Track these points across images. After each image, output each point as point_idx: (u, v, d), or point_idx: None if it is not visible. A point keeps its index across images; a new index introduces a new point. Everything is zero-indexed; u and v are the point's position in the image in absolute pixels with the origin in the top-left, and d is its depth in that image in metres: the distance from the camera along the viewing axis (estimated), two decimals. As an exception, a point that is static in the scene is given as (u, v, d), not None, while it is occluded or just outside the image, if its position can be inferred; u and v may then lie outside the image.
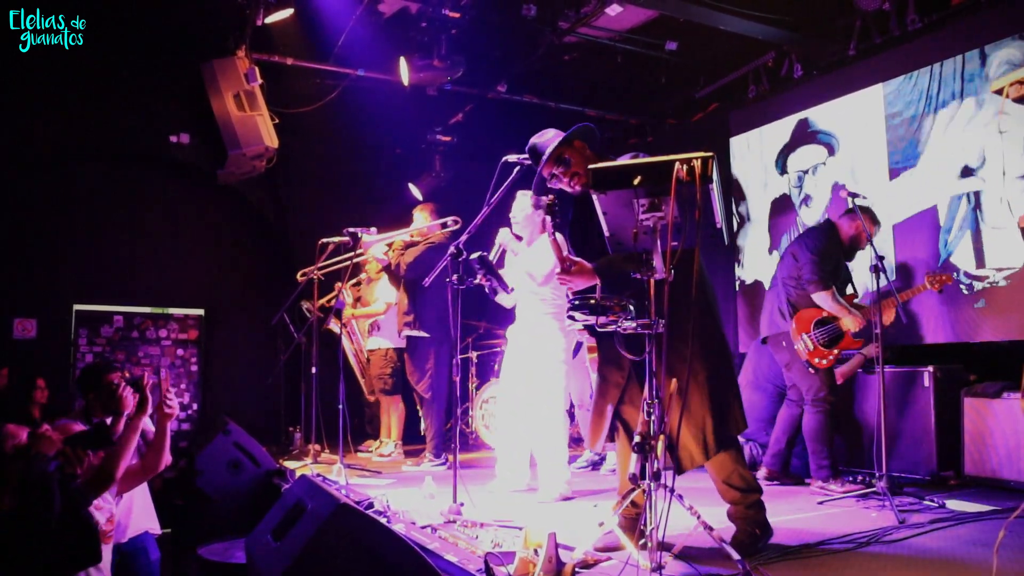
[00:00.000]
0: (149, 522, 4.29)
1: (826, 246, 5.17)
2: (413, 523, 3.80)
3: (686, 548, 3.27)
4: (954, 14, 6.10)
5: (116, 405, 3.68)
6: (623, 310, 2.84)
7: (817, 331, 5.09)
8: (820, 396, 5.07)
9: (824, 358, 5.07)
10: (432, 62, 6.91)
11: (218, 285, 8.70)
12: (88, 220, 8.16)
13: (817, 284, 5.08)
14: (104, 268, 8.23)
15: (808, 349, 5.07)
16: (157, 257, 8.43)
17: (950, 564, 3.28)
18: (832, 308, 5.08)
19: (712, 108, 8.38)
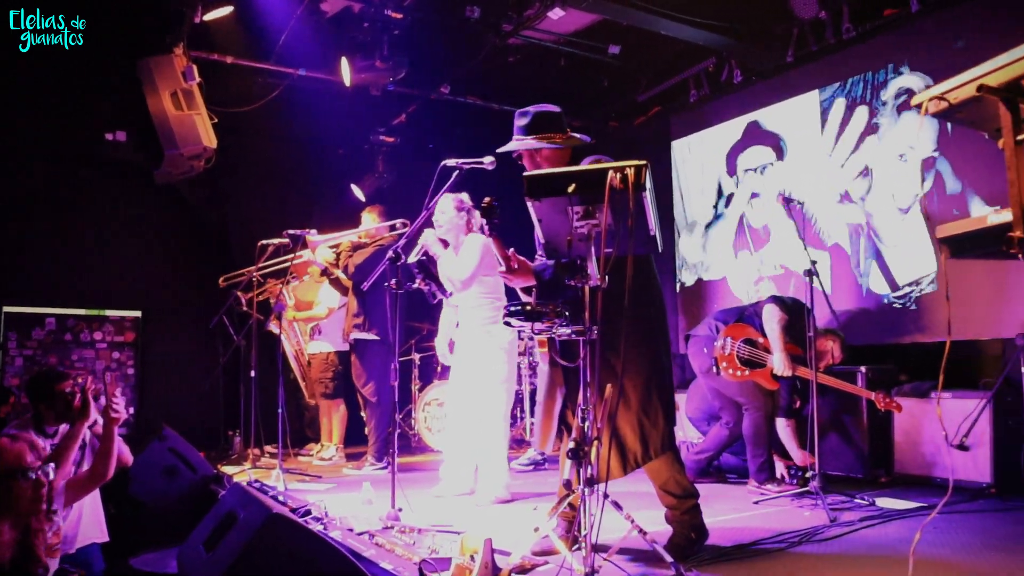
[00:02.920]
0: (97, 533, 4.16)
1: (797, 307, 5.23)
2: (350, 530, 3.76)
3: (622, 551, 3.31)
4: (886, 24, 6.25)
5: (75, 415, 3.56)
6: (558, 316, 2.85)
7: (742, 344, 5.17)
8: (758, 402, 5.15)
9: (732, 368, 5.14)
10: (374, 63, 6.86)
11: (156, 286, 8.49)
12: (19, 219, 7.91)
13: (776, 300, 5.17)
14: (36, 268, 7.97)
15: (723, 352, 5.14)
16: (92, 257, 8.20)
17: (874, 561, 3.37)
18: (773, 329, 5.09)
19: (654, 112, 8.47)
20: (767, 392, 5.17)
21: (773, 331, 5.08)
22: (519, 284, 3.49)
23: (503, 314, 2.98)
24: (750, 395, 5.16)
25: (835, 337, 5.30)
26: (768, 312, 5.14)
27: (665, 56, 7.66)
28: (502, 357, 5.05)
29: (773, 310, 5.12)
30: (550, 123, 3.56)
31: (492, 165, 3.89)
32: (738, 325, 5.26)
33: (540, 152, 3.53)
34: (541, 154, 3.54)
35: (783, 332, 5.06)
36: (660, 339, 3.44)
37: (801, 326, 5.01)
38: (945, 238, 2.05)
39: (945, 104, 1.97)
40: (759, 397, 5.15)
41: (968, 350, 5.84)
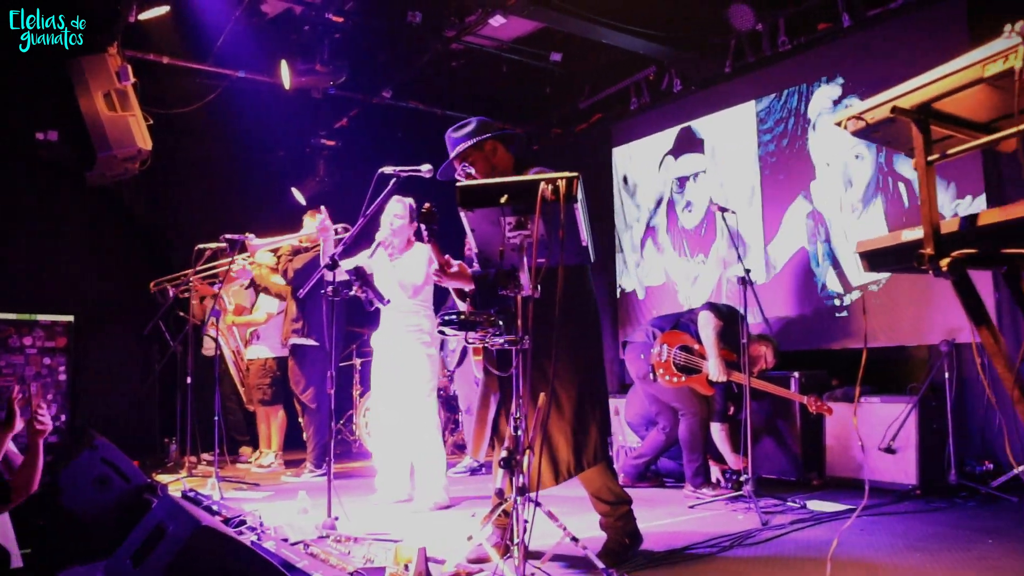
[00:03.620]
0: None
1: (732, 314, 5.32)
2: (285, 540, 3.71)
3: (555, 558, 3.34)
4: (820, 38, 6.41)
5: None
6: (492, 325, 2.86)
7: (678, 351, 5.25)
8: (693, 408, 5.23)
9: (668, 373, 5.23)
10: (315, 67, 6.81)
11: (89, 290, 8.29)
12: (-56, 219, 7.68)
13: (710, 307, 5.26)
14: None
15: (659, 359, 5.22)
16: (22, 259, 7.97)
17: (801, 563, 3.44)
18: (708, 336, 5.17)
19: (596, 119, 8.55)
20: (702, 398, 5.26)
21: (708, 338, 5.17)
22: (454, 286, 3.52)
23: (438, 323, 2.98)
24: (686, 401, 5.24)
25: (768, 343, 5.41)
26: (703, 319, 5.22)
27: (607, 64, 7.74)
28: (433, 363, 5.12)
29: (708, 317, 5.21)
30: (490, 125, 3.61)
31: (430, 173, 3.89)
32: (674, 332, 5.34)
33: (495, 154, 3.54)
34: (496, 155, 3.55)
35: (718, 339, 5.15)
36: (594, 349, 3.48)
37: (735, 332, 5.10)
38: (863, 252, 2.11)
39: (863, 123, 2.03)
40: (695, 403, 5.23)
41: (897, 356, 6.01)
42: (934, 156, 1.85)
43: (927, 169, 1.85)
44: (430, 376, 5.08)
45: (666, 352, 5.25)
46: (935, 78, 1.80)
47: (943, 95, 1.81)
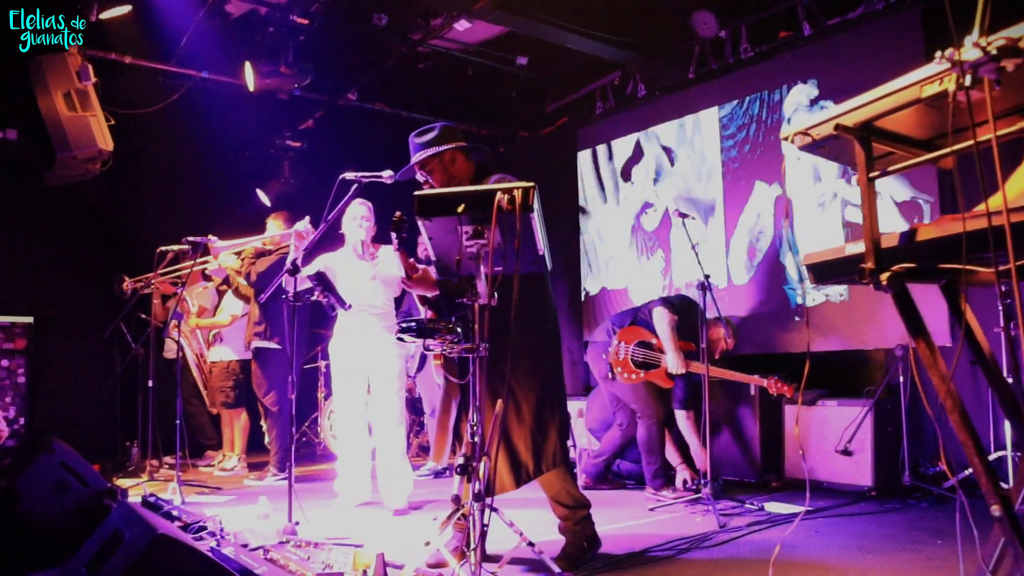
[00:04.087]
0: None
1: (687, 305, 5.42)
2: (244, 546, 3.71)
3: (513, 562, 3.37)
4: (781, 47, 6.51)
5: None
6: (450, 333, 2.89)
7: (635, 348, 5.31)
8: (651, 410, 5.29)
9: (628, 372, 5.29)
10: (279, 68, 6.77)
11: (49, 291, 8.17)
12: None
13: (663, 302, 5.32)
14: (-83, 271, 7.61)
15: (617, 357, 5.29)
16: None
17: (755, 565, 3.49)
18: (664, 331, 5.27)
19: (561, 122, 8.60)
20: (661, 399, 5.33)
21: (664, 332, 5.26)
22: (418, 292, 3.57)
23: (397, 330, 3.00)
24: (643, 402, 5.30)
25: (726, 325, 5.50)
26: (657, 315, 5.30)
27: (572, 68, 7.78)
28: (403, 365, 5.16)
29: (662, 312, 5.29)
30: (454, 134, 3.62)
31: (391, 179, 3.90)
32: (631, 328, 5.40)
33: (454, 163, 3.57)
34: (457, 160, 3.57)
35: (673, 332, 5.25)
36: (552, 355, 3.52)
37: (692, 322, 5.22)
38: (810, 265, 2.16)
39: (809, 139, 2.07)
40: (652, 404, 5.29)
41: (855, 359, 6.12)
42: (875, 173, 1.90)
43: (868, 185, 1.90)
44: (402, 376, 5.12)
45: (623, 350, 5.31)
46: (876, 97, 1.85)
47: (884, 114, 1.86)
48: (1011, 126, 1.73)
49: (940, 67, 1.59)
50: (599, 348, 5.52)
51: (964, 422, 1.72)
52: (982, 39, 1.45)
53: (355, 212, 5.11)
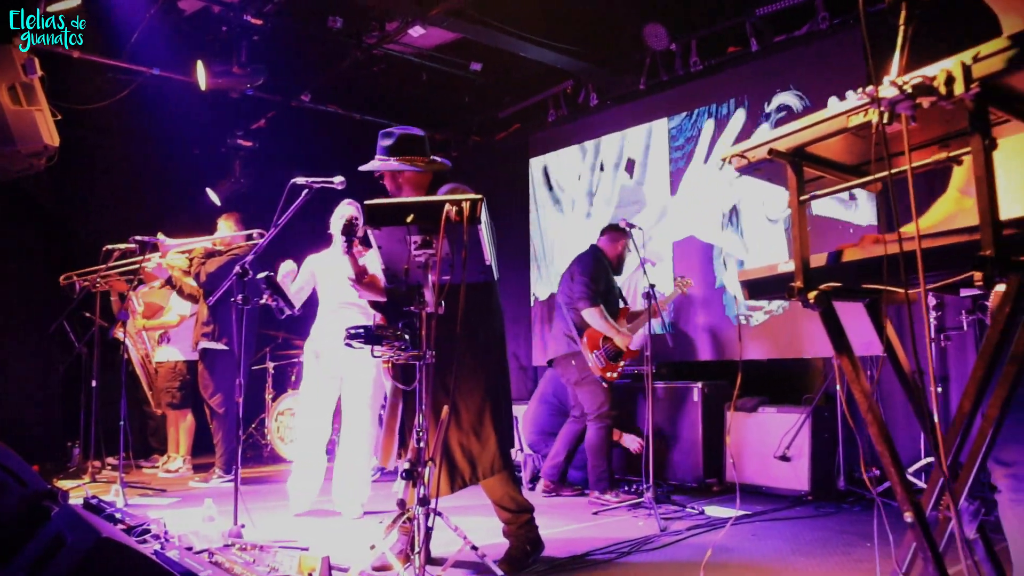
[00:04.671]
0: None
1: (595, 269, 5.56)
2: (189, 549, 3.71)
3: (457, 565, 3.42)
4: (729, 61, 6.67)
5: None
6: (398, 340, 2.94)
7: (605, 347, 5.43)
8: (603, 412, 5.40)
9: (613, 371, 5.42)
10: (232, 68, 6.73)
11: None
12: None
13: (586, 301, 5.44)
14: None
15: (600, 365, 5.40)
16: (-82, 255, 7.67)
17: (693, 568, 3.59)
18: (600, 326, 5.44)
19: (514, 129, 8.68)
20: (613, 402, 5.43)
21: (603, 326, 5.43)
22: (367, 297, 3.61)
23: (345, 336, 3.04)
24: (598, 403, 5.40)
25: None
26: (590, 316, 5.45)
27: (526, 76, 7.87)
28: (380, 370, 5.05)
29: (592, 313, 5.43)
30: (413, 146, 3.64)
31: (342, 185, 3.94)
32: (588, 335, 5.47)
33: (402, 174, 3.62)
34: (403, 176, 3.63)
35: (609, 321, 5.44)
36: (497, 364, 3.58)
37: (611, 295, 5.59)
38: (744, 281, 2.25)
39: (745, 161, 2.16)
40: (605, 405, 5.40)
41: (795, 368, 6.30)
42: (805, 196, 2.00)
43: (799, 208, 2.00)
44: (378, 382, 5.01)
45: (600, 357, 5.41)
46: (807, 125, 1.94)
47: (814, 140, 1.95)
48: (932, 156, 1.83)
49: (864, 100, 1.69)
50: (572, 357, 5.58)
51: (882, 434, 1.82)
52: (899, 78, 1.55)
53: (343, 212, 4.88)
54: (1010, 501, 2.15)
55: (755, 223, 6.40)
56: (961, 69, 1.51)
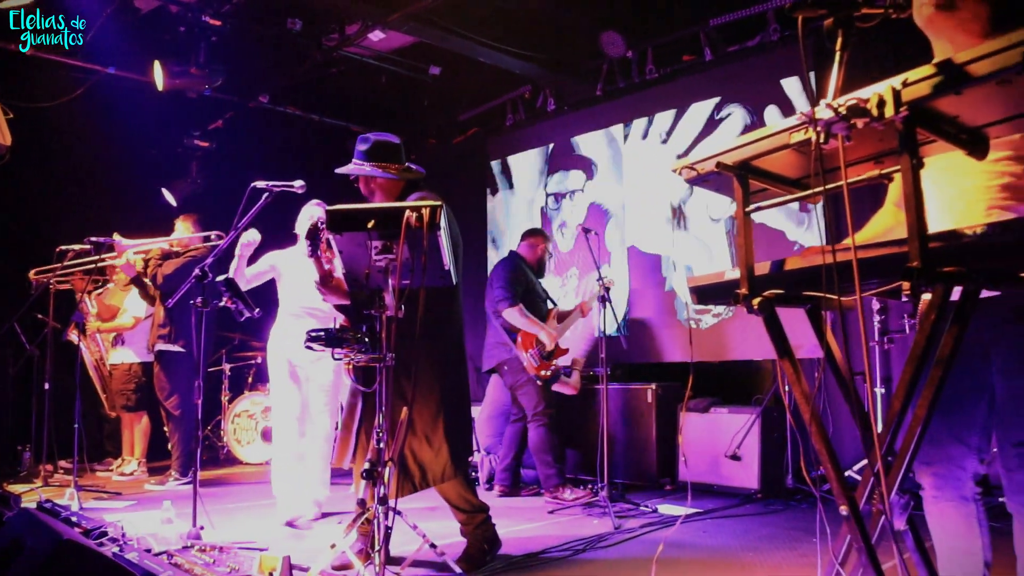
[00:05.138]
0: None
1: (512, 273, 5.67)
2: (148, 551, 3.71)
3: (417, 564, 3.49)
4: (684, 69, 6.83)
5: None
6: (358, 342, 3.00)
7: (538, 346, 5.54)
8: (539, 410, 5.52)
9: (547, 369, 5.52)
10: (189, 69, 6.70)
11: (-62, 288, 7.87)
12: None
13: (505, 303, 5.55)
14: None
15: (534, 364, 5.49)
16: None
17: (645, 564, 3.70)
18: (522, 324, 5.54)
19: (472, 132, 8.75)
20: (549, 399, 5.57)
21: (525, 324, 5.54)
22: (332, 301, 3.66)
23: (306, 338, 3.09)
24: (536, 402, 5.52)
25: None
26: (510, 316, 5.55)
27: (484, 80, 7.94)
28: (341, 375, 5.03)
29: (511, 313, 5.54)
30: (388, 152, 3.70)
31: (302, 188, 3.97)
32: (523, 337, 5.56)
33: (375, 179, 3.67)
34: (375, 181, 3.69)
35: (531, 319, 5.54)
36: (453, 367, 3.64)
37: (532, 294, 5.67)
38: (693, 287, 2.35)
39: (694, 173, 2.26)
40: (542, 404, 5.53)
41: (747, 369, 6.46)
42: (751, 207, 2.10)
43: (744, 218, 2.10)
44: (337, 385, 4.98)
45: (534, 356, 5.49)
46: (752, 140, 2.05)
47: (759, 155, 2.05)
48: (867, 172, 1.94)
49: (802, 120, 1.80)
50: (505, 364, 5.67)
51: (820, 433, 1.93)
52: (834, 100, 1.66)
53: (310, 212, 4.87)
54: (932, 498, 2.29)
55: (701, 226, 6.56)
56: (891, 93, 1.62)
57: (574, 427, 6.32)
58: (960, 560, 2.26)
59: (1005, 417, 2.10)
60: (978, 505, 2.24)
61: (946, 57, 1.57)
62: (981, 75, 1.51)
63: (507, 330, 5.61)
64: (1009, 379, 2.10)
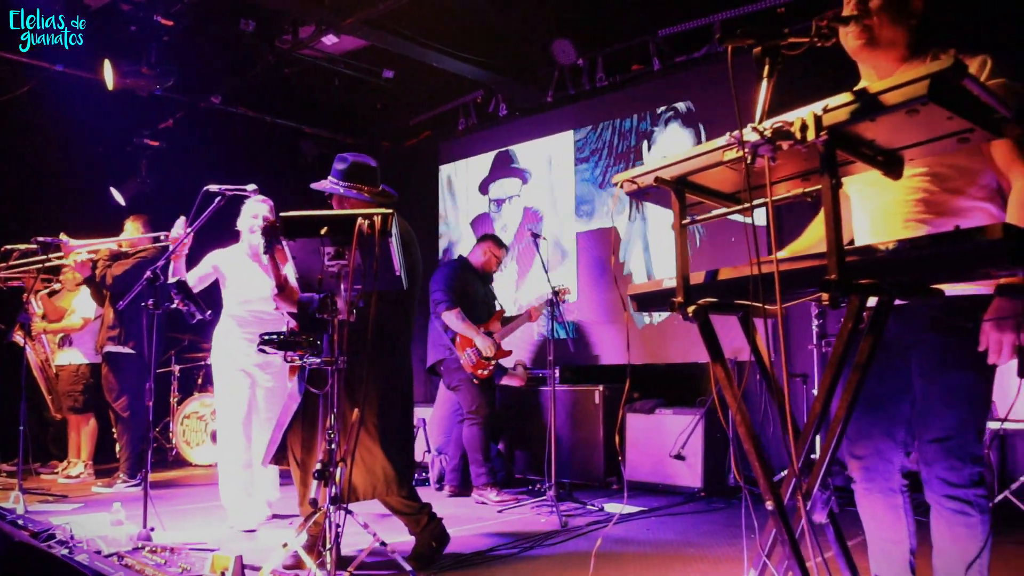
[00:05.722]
0: None
1: (453, 276, 5.78)
2: (98, 552, 3.72)
3: (368, 563, 3.56)
4: (633, 78, 6.99)
5: None
6: (310, 346, 3.06)
7: (475, 347, 5.64)
8: (474, 409, 5.63)
9: (484, 369, 5.63)
10: (140, 68, 6.66)
11: None
12: None
13: (443, 305, 5.66)
14: None
15: (471, 363, 5.59)
16: None
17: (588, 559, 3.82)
18: (458, 328, 5.64)
19: (424, 136, 8.82)
20: (489, 400, 5.67)
21: (461, 327, 5.64)
22: (285, 308, 3.72)
23: (258, 341, 3.14)
24: (473, 402, 5.63)
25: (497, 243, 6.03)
26: (448, 319, 5.65)
27: (437, 84, 8.01)
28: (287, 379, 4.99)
29: (449, 316, 5.64)
30: (363, 174, 3.79)
31: (255, 192, 4.02)
32: (462, 336, 5.66)
33: (347, 199, 3.74)
34: (348, 201, 3.76)
35: (468, 323, 5.63)
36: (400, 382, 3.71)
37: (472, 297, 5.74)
38: (632, 295, 2.47)
39: (635, 186, 2.37)
40: (480, 404, 5.63)
41: (692, 371, 6.63)
42: (686, 220, 2.22)
43: (681, 230, 2.22)
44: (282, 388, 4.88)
45: (472, 355, 5.59)
46: (689, 156, 2.16)
47: (695, 171, 2.17)
48: (796, 188, 2.07)
49: (732, 141, 1.92)
50: (441, 364, 5.76)
51: (748, 433, 2.06)
52: (760, 124, 1.79)
53: (255, 210, 4.73)
54: (863, 491, 2.45)
55: (656, 230, 6.73)
56: (813, 119, 1.75)
57: (523, 428, 6.44)
58: (888, 548, 2.42)
59: (923, 416, 2.25)
60: (904, 497, 2.41)
61: (867, 83, 1.70)
62: (892, 104, 1.64)
63: (445, 330, 5.70)
64: (927, 382, 2.25)
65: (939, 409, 2.20)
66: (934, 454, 2.21)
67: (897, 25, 2.26)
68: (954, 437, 2.17)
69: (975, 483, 2.16)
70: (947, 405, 2.19)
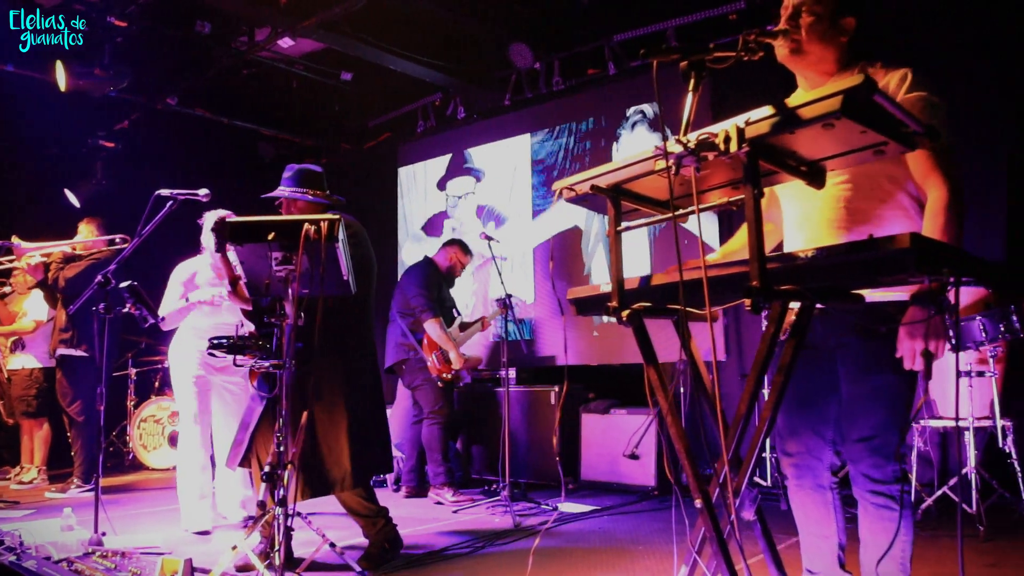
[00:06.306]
0: None
1: (427, 279, 5.84)
2: (47, 558, 3.72)
3: (319, 564, 3.59)
4: (589, 82, 7.08)
5: None
6: (260, 349, 3.09)
7: (441, 351, 5.69)
8: (436, 408, 5.68)
9: (448, 372, 5.69)
10: (94, 69, 6.60)
11: None
12: None
13: (428, 313, 5.71)
14: None
15: (437, 365, 5.65)
16: None
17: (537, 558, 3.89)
18: (438, 338, 5.70)
19: (383, 138, 8.84)
20: (448, 401, 5.74)
21: (441, 339, 5.70)
22: (240, 306, 3.74)
23: (208, 345, 3.16)
24: (434, 402, 5.68)
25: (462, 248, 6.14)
26: (430, 328, 5.71)
27: (396, 86, 8.04)
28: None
29: (431, 325, 5.70)
30: (312, 180, 3.85)
31: (207, 197, 4.02)
32: (428, 339, 5.71)
33: (296, 203, 3.78)
34: (297, 205, 3.80)
35: (447, 335, 5.72)
36: (359, 379, 3.74)
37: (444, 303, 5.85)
38: (572, 299, 2.53)
39: (574, 193, 2.43)
40: (441, 403, 5.69)
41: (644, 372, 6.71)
42: (621, 227, 2.29)
43: (615, 236, 2.29)
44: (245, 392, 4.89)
45: (437, 358, 5.65)
46: (622, 165, 2.23)
47: (630, 179, 2.24)
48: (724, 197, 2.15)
49: (658, 153, 1.99)
50: (404, 364, 5.80)
51: (679, 434, 2.13)
52: (684, 136, 1.86)
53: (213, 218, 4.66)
54: (795, 487, 2.54)
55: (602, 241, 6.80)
56: (736, 131, 1.82)
57: (480, 429, 6.49)
58: (818, 542, 2.51)
59: (849, 416, 2.34)
60: (834, 493, 2.50)
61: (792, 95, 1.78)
62: (808, 118, 1.71)
63: (412, 331, 5.74)
64: (851, 384, 2.34)
65: (863, 410, 2.29)
66: (859, 452, 2.30)
67: (826, 41, 2.35)
68: (878, 436, 2.26)
69: (898, 479, 2.26)
70: (871, 406, 2.28)
